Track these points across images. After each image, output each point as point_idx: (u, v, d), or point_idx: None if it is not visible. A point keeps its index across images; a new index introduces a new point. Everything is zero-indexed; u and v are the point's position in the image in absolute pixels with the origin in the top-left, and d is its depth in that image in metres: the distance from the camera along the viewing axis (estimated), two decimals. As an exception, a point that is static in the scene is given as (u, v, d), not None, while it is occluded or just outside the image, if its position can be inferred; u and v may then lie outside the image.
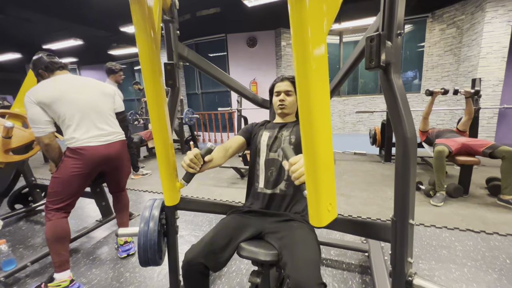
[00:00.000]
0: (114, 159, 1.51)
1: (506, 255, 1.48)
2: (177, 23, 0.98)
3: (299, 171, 0.63)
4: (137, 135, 4.22)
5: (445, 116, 5.13)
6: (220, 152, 1.00)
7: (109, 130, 1.48)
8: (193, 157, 0.84)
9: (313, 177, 0.54)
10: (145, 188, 2.95)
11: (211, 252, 0.85)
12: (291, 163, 0.66)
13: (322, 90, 0.50)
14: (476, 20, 4.11)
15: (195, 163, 0.85)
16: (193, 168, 0.85)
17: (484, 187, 2.48)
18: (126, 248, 1.67)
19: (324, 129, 0.52)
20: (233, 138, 1.14)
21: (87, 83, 1.48)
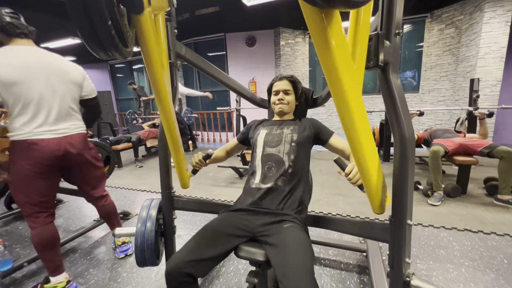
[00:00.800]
0: (72, 154, 1.27)
1: (503, 255, 1.49)
2: (174, 21, 0.98)
3: (356, 178, 0.78)
4: (135, 134, 4.21)
5: (444, 116, 5.14)
6: (222, 151, 1.25)
7: (68, 122, 1.27)
8: (198, 160, 1.09)
9: (367, 177, 0.67)
10: (142, 188, 2.94)
11: (194, 260, 0.81)
12: (347, 173, 0.79)
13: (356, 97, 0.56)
14: (475, 20, 4.12)
15: (199, 165, 1.11)
16: (198, 166, 1.11)
17: (482, 187, 2.49)
18: (124, 249, 1.64)
19: (366, 137, 0.61)
20: (231, 141, 1.29)
21: (53, 66, 1.22)
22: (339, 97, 0.54)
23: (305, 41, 6.20)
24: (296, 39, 6.06)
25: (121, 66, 8.69)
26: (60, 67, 1.25)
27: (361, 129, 0.59)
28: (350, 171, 0.79)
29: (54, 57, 1.26)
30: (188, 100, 7.32)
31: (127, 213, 2.18)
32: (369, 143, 0.62)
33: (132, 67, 8.51)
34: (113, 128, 5.25)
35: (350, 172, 0.78)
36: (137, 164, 4.02)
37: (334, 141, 1.08)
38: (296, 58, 6.15)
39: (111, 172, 1.92)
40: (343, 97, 0.54)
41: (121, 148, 3.88)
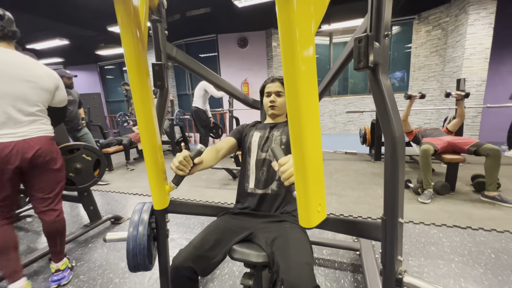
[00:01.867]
0: (28, 158, 1.21)
1: (491, 250, 1.53)
2: (165, 22, 0.96)
3: (289, 172, 0.63)
4: (126, 136, 4.14)
5: (432, 115, 5.26)
6: (211, 153, 1.00)
7: (28, 126, 1.23)
8: (182, 159, 0.81)
9: (302, 177, 0.53)
10: (134, 191, 2.89)
11: (200, 256, 0.83)
12: (281, 164, 0.66)
13: (310, 90, 0.50)
14: (460, 22, 4.24)
15: (184, 165, 0.83)
16: (182, 171, 0.83)
17: (469, 184, 2.56)
18: (58, 278, 1.41)
19: (312, 129, 0.51)
20: (225, 139, 1.14)
21: (17, 70, 1.19)
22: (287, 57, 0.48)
23: (296, 42, 6.24)
24: (287, 40, 6.10)
25: (111, 67, 8.54)
26: (29, 71, 1.23)
27: (305, 111, 0.49)
28: (284, 163, 0.65)
29: (24, 61, 1.23)
30: (179, 101, 7.26)
31: (118, 217, 2.14)
32: (313, 135, 0.51)
33: (123, 68, 8.38)
34: (103, 131, 5.15)
35: (284, 164, 0.65)
36: (129, 167, 3.95)
37: None
38: (288, 59, 6.19)
39: (101, 176, 1.88)
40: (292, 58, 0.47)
41: (112, 151, 3.80)
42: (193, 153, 0.84)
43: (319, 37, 6.21)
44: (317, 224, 0.60)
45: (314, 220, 0.56)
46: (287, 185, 0.64)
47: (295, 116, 0.50)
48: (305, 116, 0.49)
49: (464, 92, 2.62)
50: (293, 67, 0.47)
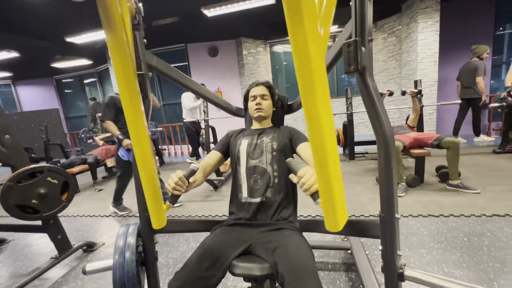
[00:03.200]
0: None
1: (463, 234, 1.67)
2: (143, 30, 0.91)
3: (310, 182, 0.65)
4: (91, 154, 3.80)
5: (394, 114, 5.71)
6: (200, 171, 1.01)
7: None
8: (178, 180, 0.83)
9: (326, 186, 0.56)
10: (107, 213, 2.65)
11: (199, 278, 0.78)
12: (301, 176, 0.67)
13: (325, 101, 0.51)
14: (411, 30, 4.71)
15: (180, 186, 0.84)
16: (178, 191, 0.84)
17: (435, 175, 2.79)
18: None
19: (330, 138, 0.53)
20: (210, 154, 1.14)
21: None
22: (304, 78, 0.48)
23: (266, 51, 6.40)
24: (257, 49, 6.22)
25: (70, 80, 7.91)
26: None
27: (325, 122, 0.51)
28: (303, 174, 0.66)
29: None
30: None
31: (91, 244, 1.93)
32: (332, 144, 0.54)
33: (83, 81, 7.80)
34: (64, 150, 4.71)
35: (304, 176, 0.66)
36: (96, 187, 3.62)
37: (300, 148, 1.02)
38: (259, 67, 6.30)
39: (70, 199, 1.69)
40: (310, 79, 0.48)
41: (76, 171, 3.48)
42: (187, 173, 0.85)
43: (287, 45, 6.44)
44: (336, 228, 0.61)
45: (340, 224, 0.59)
46: (309, 195, 0.66)
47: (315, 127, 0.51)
48: (324, 126, 0.51)
49: (416, 89, 2.90)
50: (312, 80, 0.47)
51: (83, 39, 4.78)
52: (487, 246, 1.52)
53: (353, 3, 0.72)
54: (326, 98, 0.50)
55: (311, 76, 0.47)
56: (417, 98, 2.90)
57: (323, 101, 0.50)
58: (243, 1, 3.85)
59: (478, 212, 1.91)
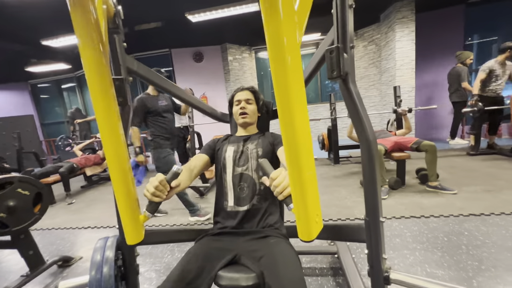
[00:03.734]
0: None
1: (443, 234, 1.73)
2: (122, 34, 0.88)
3: (283, 185, 0.60)
4: (68, 162, 3.61)
5: (375, 119, 5.91)
6: (185, 174, 0.91)
7: None
8: (158, 183, 0.71)
9: (299, 190, 0.52)
10: (85, 224, 2.51)
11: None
12: (273, 178, 0.62)
13: (300, 102, 0.49)
14: (390, 38, 4.93)
15: (160, 191, 0.72)
16: (158, 197, 0.72)
17: (415, 177, 2.90)
18: None
19: (305, 141, 0.50)
20: (197, 156, 1.07)
21: None
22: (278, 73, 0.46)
23: (251, 56, 6.45)
24: (243, 55, 6.26)
25: (46, 85, 7.54)
26: None
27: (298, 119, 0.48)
28: (276, 176, 0.62)
29: None
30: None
31: (67, 258, 1.81)
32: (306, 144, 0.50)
33: (61, 87, 7.47)
34: (39, 158, 4.44)
35: (276, 178, 0.62)
36: (68, 200, 3.31)
37: (279, 151, 0.99)
38: (244, 72, 6.32)
39: (44, 211, 1.58)
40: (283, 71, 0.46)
41: (52, 181, 3.28)
42: (169, 176, 0.74)
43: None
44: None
45: (314, 232, 0.54)
46: (281, 199, 0.60)
47: (289, 127, 0.48)
48: (298, 127, 0.48)
49: (407, 108, 3.08)
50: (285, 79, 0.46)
51: (60, 42, 4.59)
52: (465, 245, 1.58)
53: (334, 10, 0.73)
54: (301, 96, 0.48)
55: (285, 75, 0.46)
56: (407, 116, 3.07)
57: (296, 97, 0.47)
58: (228, 8, 3.87)
59: (456, 212, 1.99)
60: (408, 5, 4.53)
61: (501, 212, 1.92)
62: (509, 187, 2.38)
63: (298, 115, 0.47)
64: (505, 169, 2.92)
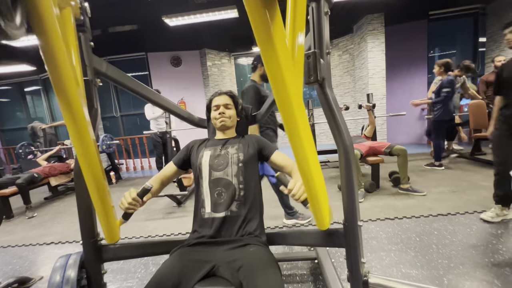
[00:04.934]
0: None
1: (415, 234, 1.81)
2: (89, 33, 0.82)
3: (299, 193, 0.74)
4: (28, 172, 3.29)
5: (350, 124, 6.16)
6: (156, 183, 1.02)
7: None
8: (131, 200, 0.84)
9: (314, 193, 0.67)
10: (47, 240, 2.28)
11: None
12: (291, 188, 0.75)
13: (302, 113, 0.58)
14: (362, 48, 5.21)
15: (134, 205, 0.85)
16: (132, 209, 0.85)
17: (388, 180, 3.03)
18: None
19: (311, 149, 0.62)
20: (166, 166, 1.10)
21: None
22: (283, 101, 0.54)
23: (230, 62, 6.46)
24: (222, 60, 6.24)
25: (7, 88, 6.92)
26: None
27: (305, 137, 0.60)
28: (293, 187, 0.76)
29: None
30: (105, 125, 6.39)
31: (25, 279, 1.62)
32: (313, 154, 0.63)
33: (24, 90, 6.89)
34: (-4, 168, 4.01)
35: (294, 187, 0.76)
36: (28, 213, 3.00)
37: (275, 157, 1.06)
38: (224, 78, 6.30)
39: (-4, 228, 1.41)
40: (288, 102, 0.54)
41: (8, 193, 2.96)
42: (140, 192, 0.86)
43: (251, 58, 6.59)
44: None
45: (327, 222, 0.74)
46: (301, 201, 0.75)
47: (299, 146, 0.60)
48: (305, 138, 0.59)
49: (371, 103, 3.20)
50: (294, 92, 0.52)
51: (23, 41, 4.24)
52: (435, 244, 1.66)
53: (310, 17, 0.74)
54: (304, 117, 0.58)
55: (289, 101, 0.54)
56: (372, 111, 3.19)
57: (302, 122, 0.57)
58: (206, 13, 3.85)
59: (426, 213, 2.10)
60: (378, 18, 4.84)
61: (465, 212, 2.06)
62: (471, 188, 2.57)
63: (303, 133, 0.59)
64: (467, 171, 3.17)
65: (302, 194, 0.74)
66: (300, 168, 0.64)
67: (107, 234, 0.82)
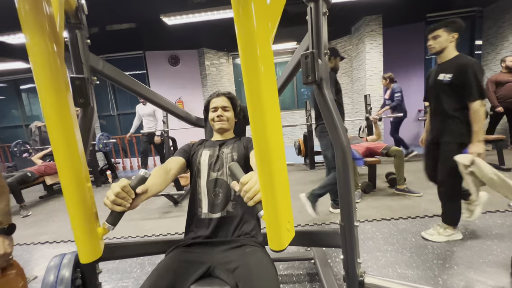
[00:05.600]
0: None
1: (411, 235, 1.82)
2: (86, 30, 0.81)
3: (253, 190, 0.56)
4: (23, 171, 3.25)
5: (348, 125, 6.18)
6: (158, 176, 0.81)
7: None
8: (120, 190, 0.62)
9: (270, 195, 0.48)
10: (42, 239, 2.26)
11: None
12: (243, 182, 0.58)
13: (273, 105, 0.46)
14: (360, 50, 5.23)
15: (123, 198, 0.63)
16: (121, 205, 0.63)
17: (384, 181, 3.05)
18: None
19: (277, 143, 0.47)
20: (172, 159, 1.00)
21: None
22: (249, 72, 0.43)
23: (229, 62, 6.45)
24: (220, 60, 6.23)
25: (2, 85, 6.83)
26: None
27: (269, 119, 0.45)
28: (246, 181, 0.58)
29: None
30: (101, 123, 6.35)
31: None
32: (278, 146, 0.47)
33: (19, 87, 6.81)
34: (-11, 166, 3.96)
35: (247, 183, 0.58)
36: (23, 212, 2.98)
37: (252, 154, 0.95)
38: (222, 78, 6.29)
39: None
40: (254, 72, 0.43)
41: (4, 191, 2.92)
42: (134, 181, 0.65)
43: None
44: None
45: (285, 241, 0.50)
46: (252, 205, 0.57)
47: (259, 129, 0.45)
48: (269, 130, 0.45)
49: (378, 116, 3.29)
50: (257, 82, 0.43)
51: (19, 38, 4.20)
52: (430, 245, 1.67)
53: (309, 17, 0.74)
54: (272, 98, 0.46)
55: (257, 78, 0.43)
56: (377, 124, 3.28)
57: (268, 100, 0.45)
58: (205, 12, 3.84)
59: (422, 214, 2.12)
60: (376, 19, 4.86)
61: (461, 212, 2.08)
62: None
63: (269, 119, 0.45)
64: (462, 173, 3.19)
65: (256, 192, 0.56)
66: (257, 157, 0.47)
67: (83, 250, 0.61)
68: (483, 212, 2.03)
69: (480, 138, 1.50)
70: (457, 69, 1.54)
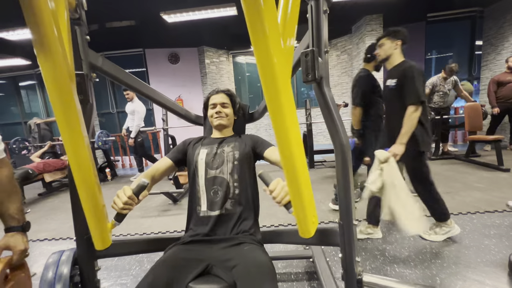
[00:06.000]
0: None
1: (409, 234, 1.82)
2: (85, 26, 0.81)
3: (281, 195, 0.67)
4: (22, 168, 3.25)
5: (347, 125, 6.19)
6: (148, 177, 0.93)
7: None
8: (127, 199, 0.75)
9: (298, 196, 0.59)
10: (40, 236, 2.26)
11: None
12: (271, 190, 0.68)
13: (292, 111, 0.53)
14: (360, 49, 5.22)
15: (130, 205, 0.77)
16: (127, 209, 0.77)
17: (384, 180, 3.05)
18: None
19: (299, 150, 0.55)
20: (160, 160, 1.04)
21: None
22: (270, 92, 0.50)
23: (229, 60, 6.43)
24: (220, 58, 6.22)
25: (1, 82, 6.81)
26: None
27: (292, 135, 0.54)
28: (274, 188, 0.68)
29: None
30: (100, 120, 6.34)
31: (17, 275, 1.60)
32: (300, 154, 0.56)
33: (19, 84, 6.79)
34: (-12, 163, 3.95)
35: (275, 189, 0.68)
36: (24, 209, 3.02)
37: (269, 153, 1.02)
38: (222, 76, 6.28)
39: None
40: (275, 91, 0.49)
41: (3, 188, 2.92)
42: (136, 189, 0.77)
43: (250, 56, 6.58)
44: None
45: (312, 230, 0.64)
46: (282, 205, 0.67)
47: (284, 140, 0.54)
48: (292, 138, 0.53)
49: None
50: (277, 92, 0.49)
51: (19, 35, 4.18)
52: (428, 243, 1.68)
53: (309, 15, 0.74)
54: (292, 110, 0.52)
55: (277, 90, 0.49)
56: None
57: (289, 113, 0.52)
58: (205, 10, 3.83)
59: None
60: (377, 19, 4.85)
61: (459, 212, 2.08)
62: (465, 189, 2.60)
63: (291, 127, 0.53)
64: (461, 173, 3.20)
65: (285, 196, 0.66)
66: (284, 167, 0.57)
67: (97, 239, 0.72)
68: (481, 212, 2.05)
69: (403, 140, 1.54)
70: (400, 74, 1.60)
